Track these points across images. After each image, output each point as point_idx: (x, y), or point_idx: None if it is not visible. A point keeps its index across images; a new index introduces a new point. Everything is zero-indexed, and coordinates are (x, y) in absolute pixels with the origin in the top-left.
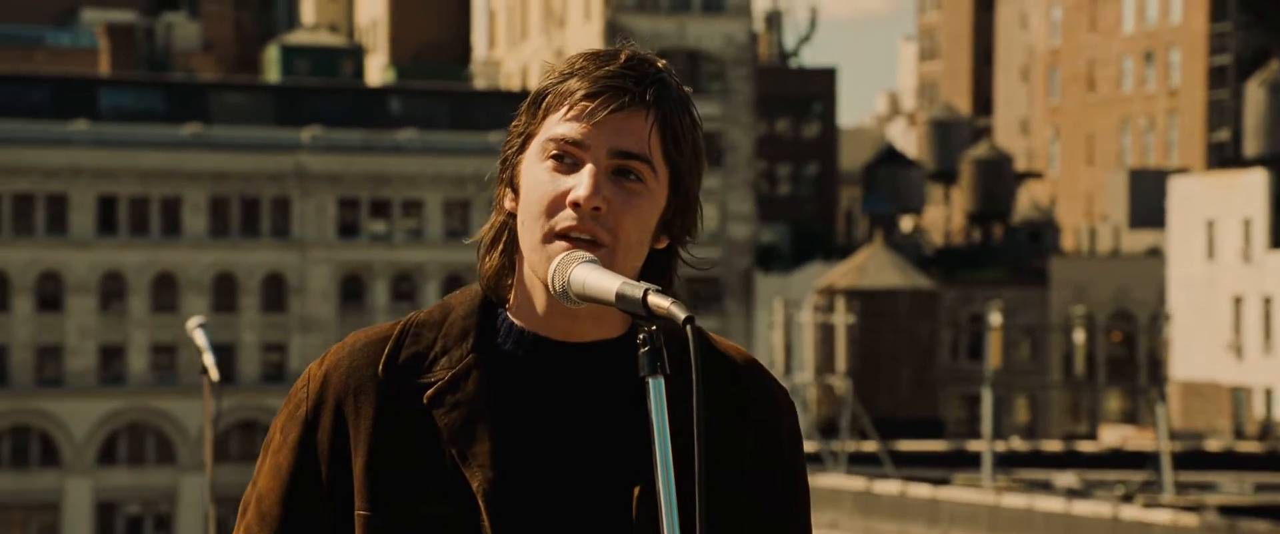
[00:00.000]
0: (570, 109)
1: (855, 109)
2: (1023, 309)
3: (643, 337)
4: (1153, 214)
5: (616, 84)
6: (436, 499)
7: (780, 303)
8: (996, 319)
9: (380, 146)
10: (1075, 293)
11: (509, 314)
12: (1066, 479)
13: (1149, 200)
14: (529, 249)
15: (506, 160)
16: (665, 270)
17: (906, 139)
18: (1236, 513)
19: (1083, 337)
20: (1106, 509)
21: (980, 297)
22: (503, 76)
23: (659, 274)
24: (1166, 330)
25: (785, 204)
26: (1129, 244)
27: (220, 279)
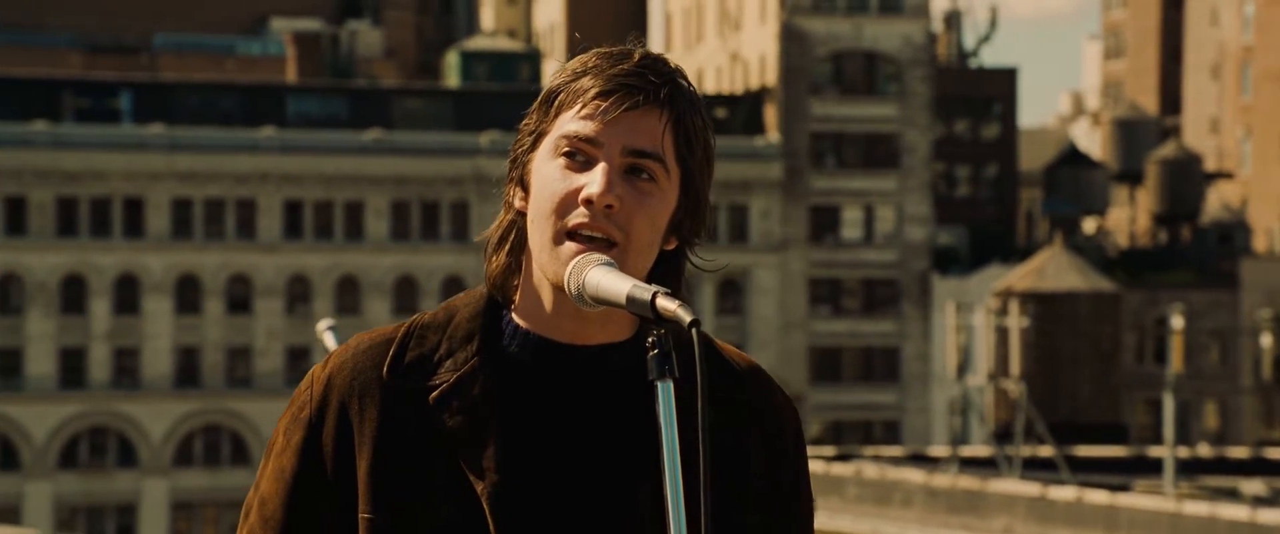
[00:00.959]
0: (583, 107)
1: (1037, 109)
2: (1211, 312)
3: (651, 340)
4: None
5: (630, 83)
6: (440, 502)
7: (951, 306)
8: (1178, 322)
9: None
10: (1267, 296)
11: (514, 316)
12: (1254, 487)
13: None
14: (539, 248)
15: (517, 159)
16: (674, 272)
17: (1090, 139)
18: None
19: (1270, 340)
20: None
21: (1166, 299)
22: None
23: (668, 275)
24: None
25: (964, 206)
26: None
27: (401, 282)
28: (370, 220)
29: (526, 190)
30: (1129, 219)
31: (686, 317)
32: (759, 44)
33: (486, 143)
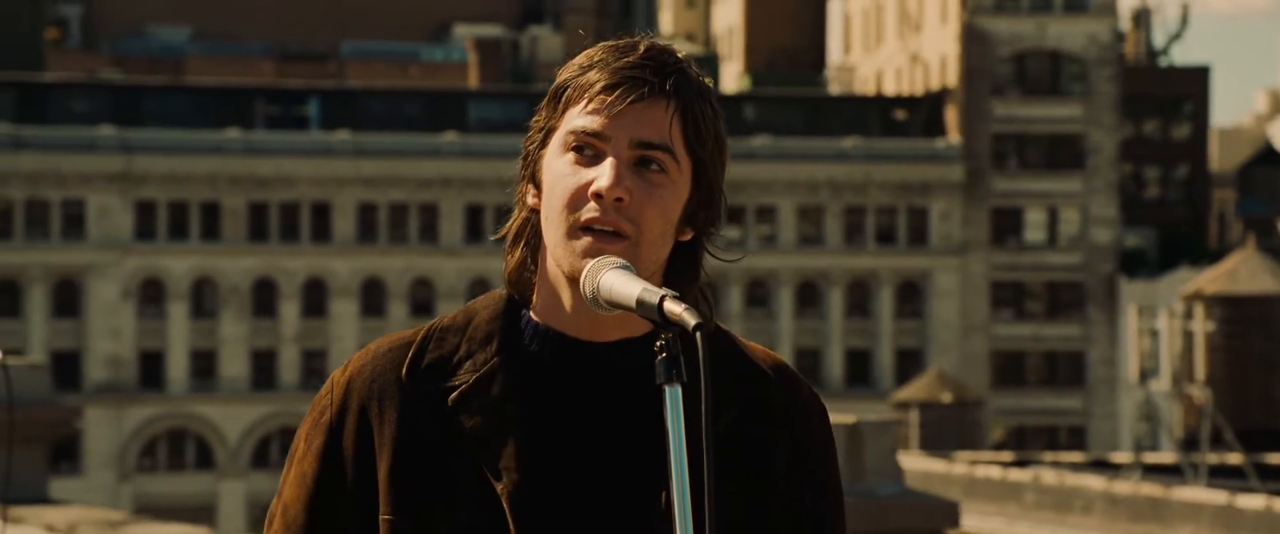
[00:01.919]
0: (589, 102)
1: (1232, 108)
2: None
3: (659, 344)
4: None
5: (636, 75)
6: (461, 503)
7: (1134, 309)
8: None
9: (734, 153)
10: None
11: (532, 315)
12: None
13: None
14: (553, 244)
15: (528, 156)
16: (691, 263)
17: None
18: None
19: None
20: None
21: None
22: (858, 82)
23: (685, 267)
24: None
25: (1153, 207)
26: None
27: None
28: None
29: (539, 187)
30: None
31: (691, 320)
32: (940, 45)
33: None
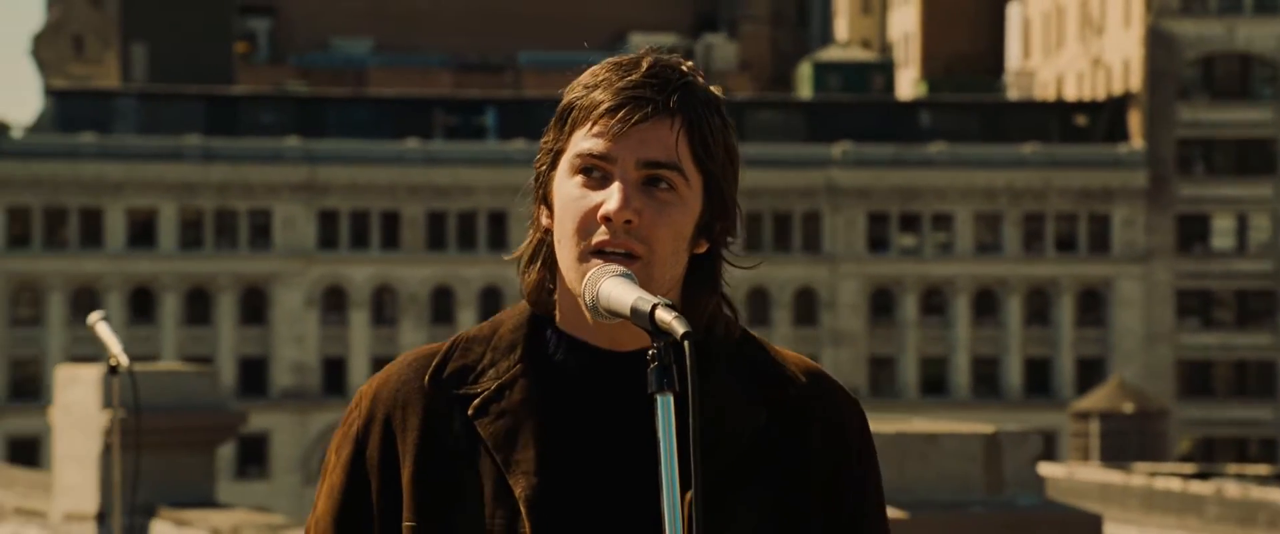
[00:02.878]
0: (594, 123)
1: None
2: None
3: (651, 353)
4: None
5: (639, 94)
6: (480, 508)
7: None
8: None
9: (910, 160)
10: None
11: (558, 324)
12: None
13: None
14: (567, 266)
15: (539, 177)
16: (709, 274)
17: None
18: None
19: None
20: None
21: None
22: (1037, 87)
23: (703, 279)
24: None
25: None
26: None
27: (753, 294)
28: None
29: (551, 208)
30: None
31: (680, 328)
32: (1123, 48)
33: (839, 154)
